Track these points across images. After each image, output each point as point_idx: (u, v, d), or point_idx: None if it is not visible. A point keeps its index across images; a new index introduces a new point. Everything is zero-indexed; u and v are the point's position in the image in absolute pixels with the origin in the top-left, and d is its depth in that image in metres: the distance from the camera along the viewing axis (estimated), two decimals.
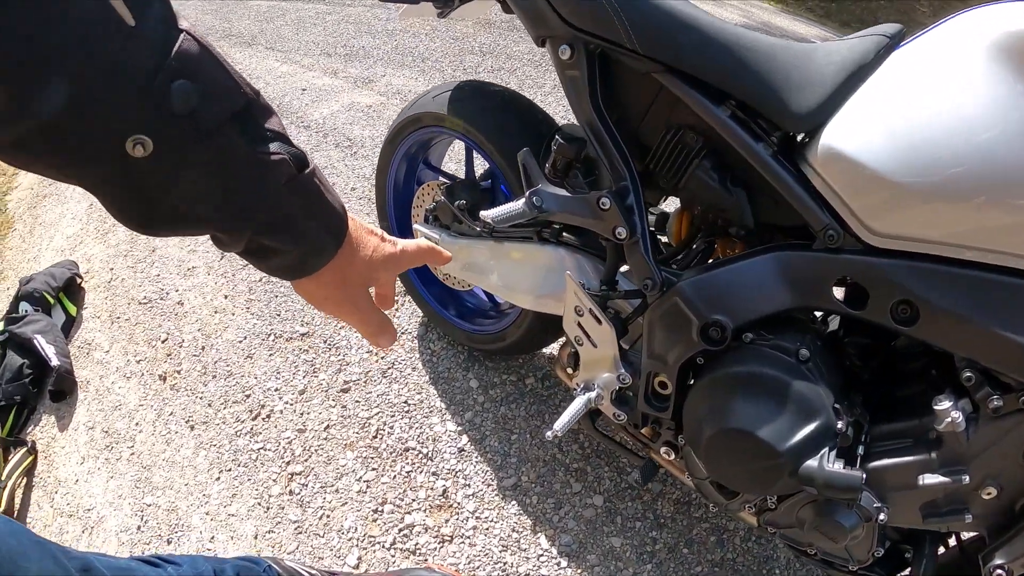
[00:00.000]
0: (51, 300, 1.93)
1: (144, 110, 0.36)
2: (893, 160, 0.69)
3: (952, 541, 0.91)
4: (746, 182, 0.84)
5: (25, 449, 1.59)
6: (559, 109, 2.96)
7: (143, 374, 1.74)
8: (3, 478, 1.49)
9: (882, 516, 0.77)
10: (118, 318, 2.01)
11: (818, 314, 0.91)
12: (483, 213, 1.00)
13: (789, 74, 0.77)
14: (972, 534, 0.85)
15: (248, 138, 0.42)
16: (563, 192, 0.94)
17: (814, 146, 0.75)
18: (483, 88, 1.25)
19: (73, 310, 1.99)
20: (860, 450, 0.78)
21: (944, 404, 0.71)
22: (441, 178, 1.51)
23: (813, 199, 0.76)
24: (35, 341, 1.73)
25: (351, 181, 2.55)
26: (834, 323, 0.93)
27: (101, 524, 1.43)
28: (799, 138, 0.80)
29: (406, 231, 1.57)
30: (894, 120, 0.70)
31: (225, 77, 0.40)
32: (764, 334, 0.82)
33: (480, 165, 1.39)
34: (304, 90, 3.71)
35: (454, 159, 2.35)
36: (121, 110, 0.35)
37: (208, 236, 0.45)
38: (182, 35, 0.37)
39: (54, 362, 1.70)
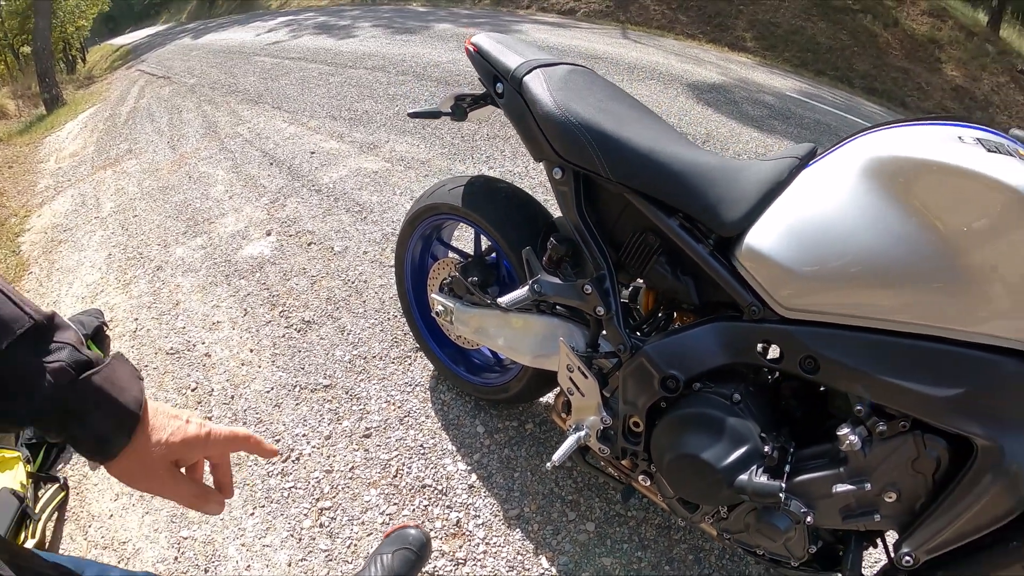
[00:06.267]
0: None
1: None
2: (796, 256, 0.91)
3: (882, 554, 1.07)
4: (692, 271, 1.08)
5: (57, 485, 1.66)
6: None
7: None
8: (36, 512, 1.56)
9: (809, 519, 0.96)
10: (146, 366, 2.11)
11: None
12: (499, 300, 1.25)
13: (722, 191, 1.01)
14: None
15: (36, 351, 0.50)
16: (557, 280, 1.20)
17: (740, 246, 0.98)
18: (490, 184, 1.49)
19: None
20: (787, 468, 0.99)
21: (844, 430, 0.90)
22: (452, 254, 1.74)
23: (740, 284, 0.99)
24: None
25: (363, 245, 2.71)
26: (775, 374, 1.15)
27: (137, 556, 1.53)
28: (731, 239, 1.02)
29: (422, 296, 1.80)
30: (798, 227, 0.92)
31: (9, 307, 0.49)
32: (708, 383, 1.05)
33: (486, 241, 1.60)
34: (313, 153, 3.84)
35: (461, 228, 2.59)
36: None
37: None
38: None
39: None
